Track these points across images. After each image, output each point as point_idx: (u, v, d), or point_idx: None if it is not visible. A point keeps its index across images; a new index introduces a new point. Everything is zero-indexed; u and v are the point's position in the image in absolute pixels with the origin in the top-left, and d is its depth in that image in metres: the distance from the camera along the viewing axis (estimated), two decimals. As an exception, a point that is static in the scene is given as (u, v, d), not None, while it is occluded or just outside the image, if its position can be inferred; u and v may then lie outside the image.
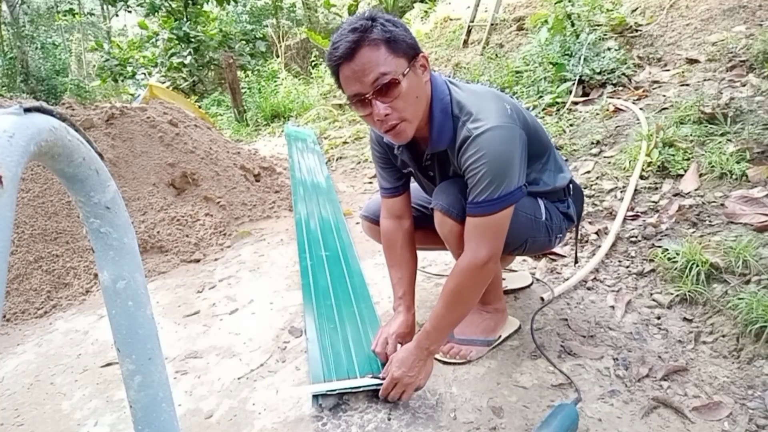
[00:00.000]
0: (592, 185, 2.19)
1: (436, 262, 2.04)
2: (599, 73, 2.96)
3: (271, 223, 2.86)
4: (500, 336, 1.46)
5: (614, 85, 2.91)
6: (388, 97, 1.06)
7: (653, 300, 1.58)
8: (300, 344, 1.57)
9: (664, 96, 2.51)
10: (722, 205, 1.72)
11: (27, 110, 0.47)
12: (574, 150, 2.48)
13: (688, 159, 1.98)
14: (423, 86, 1.13)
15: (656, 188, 1.98)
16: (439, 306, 1.21)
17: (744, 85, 2.26)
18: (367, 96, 1.06)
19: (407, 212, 1.44)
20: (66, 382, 1.52)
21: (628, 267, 1.73)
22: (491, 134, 1.08)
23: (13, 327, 1.95)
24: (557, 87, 3.06)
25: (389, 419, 1.20)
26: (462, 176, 1.18)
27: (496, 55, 4.23)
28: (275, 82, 7.32)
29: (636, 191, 2.00)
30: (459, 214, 1.20)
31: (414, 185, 1.47)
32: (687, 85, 2.52)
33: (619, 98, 2.75)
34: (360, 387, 1.28)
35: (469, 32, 4.88)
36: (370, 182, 3.46)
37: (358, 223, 1.59)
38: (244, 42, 9.76)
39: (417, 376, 1.21)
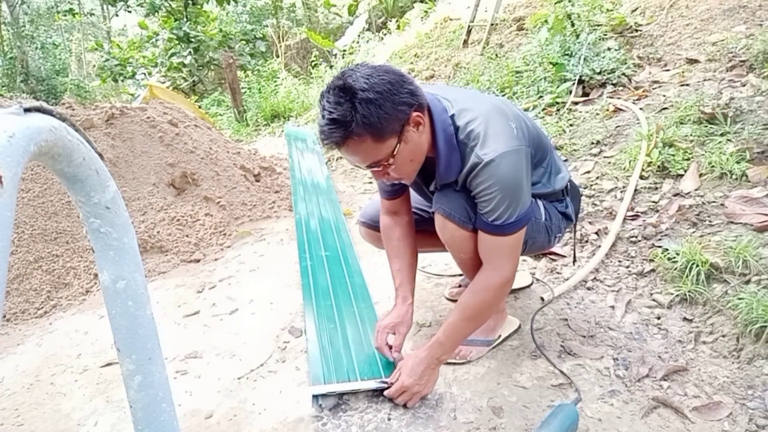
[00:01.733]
0: (592, 185, 2.19)
1: (436, 263, 2.04)
2: (599, 73, 2.96)
3: (271, 223, 2.86)
4: (500, 336, 1.46)
5: (614, 85, 2.91)
6: (382, 171, 1.13)
7: (653, 300, 1.58)
8: (300, 344, 1.58)
9: (664, 96, 2.51)
10: (722, 205, 1.72)
11: (27, 110, 0.48)
12: (574, 150, 2.48)
13: (688, 159, 1.98)
14: (418, 142, 1.12)
15: (656, 188, 1.98)
16: (456, 318, 1.21)
17: (744, 85, 2.26)
18: (364, 168, 1.14)
19: (404, 209, 1.45)
20: (66, 382, 1.52)
21: (628, 267, 1.73)
22: (502, 161, 1.08)
23: (13, 327, 1.95)
24: (557, 87, 3.06)
25: (389, 419, 1.20)
26: (465, 191, 1.20)
27: (496, 55, 4.23)
28: (275, 82, 7.32)
29: (636, 191, 2.00)
30: (461, 219, 1.20)
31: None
32: (687, 85, 2.52)
33: (619, 98, 2.75)
34: (363, 389, 1.28)
35: (469, 32, 4.87)
36: (370, 182, 3.46)
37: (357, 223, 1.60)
38: (244, 42, 9.76)
39: (425, 385, 1.22)
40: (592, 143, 2.45)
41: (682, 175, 1.95)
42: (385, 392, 1.24)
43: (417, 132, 1.11)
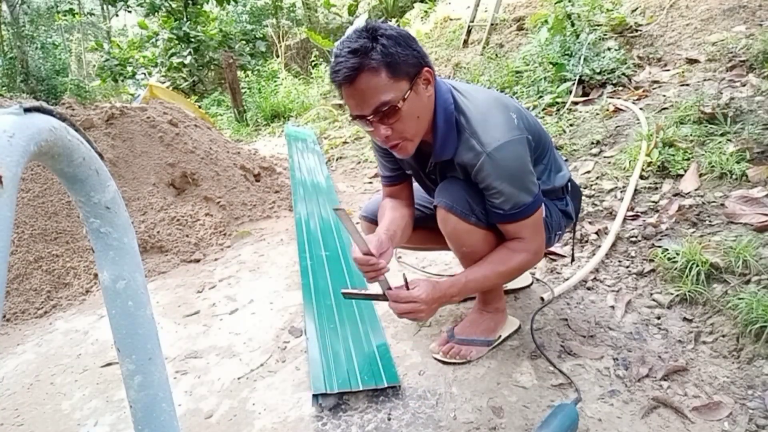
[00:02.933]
0: (592, 185, 2.19)
1: (436, 262, 2.04)
2: (599, 73, 2.96)
3: (271, 223, 2.86)
4: (500, 336, 1.46)
5: (614, 85, 2.91)
6: (389, 120, 1.08)
7: (653, 300, 1.58)
8: (300, 344, 1.58)
9: (664, 96, 2.51)
10: (722, 205, 1.72)
11: (27, 110, 0.47)
12: (574, 150, 2.48)
13: (688, 159, 1.98)
14: (425, 103, 1.12)
15: (656, 188, 1.98)
16: (485, 270, 1.20)
17: (744, 85, 2.26)
18: (368, 118, 1.08)
19: (404, 195, 1.43)
20: (66, 382, 1.52)
21: (628, 267, 1.73)
22: (505, 150, 1.10)
23: (13, 327, 1.95)
24: (557, 87, 3.06)
25: (389, 419, 1.20)
26: (465, 179, 1.20)
27: (496, 55, 4.23)
28: (275, 82, 7.32)
29: (636, 191, 2.00)
30: (463, 212, 1.21)
31: (415, 185, 1.47)
32: (687, 85, 2.52)
33: (619, 98, 2.75)
34: (372, 297, 1.22)
35: (469, 32, 4.88)
36: (370, 182, 3.46)
37: (358, 223, 1.60)
38: (244, 42, 9.76)
39: (428, 311, 1.16)
40: (592, 143, 2.45)
41: (682, 175, 1.94)
42: (391, 293, 1.16)
43: (426, 90, 1.12)
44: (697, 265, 1.50)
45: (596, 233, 1.93)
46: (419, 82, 1.10)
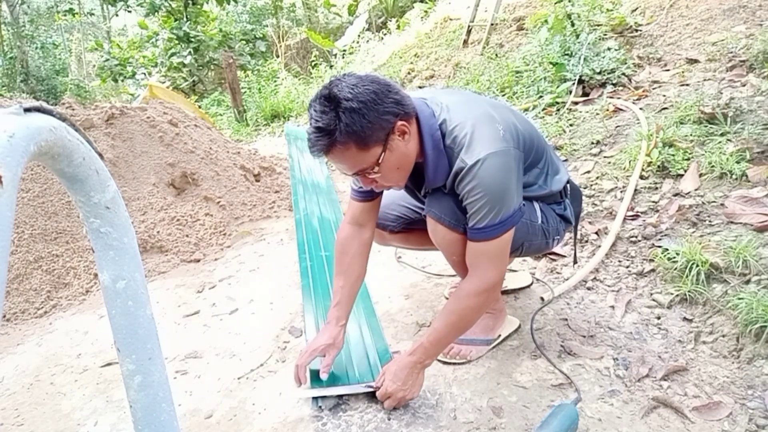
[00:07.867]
0: (592, 185, 2.19)
1: (436, 262, 2.04)
2: (599, 73, 2.96)
3: (271, 223, 2.86)
4: (500, 335, 1.46)
5: (614, 85, 2.91)
6: (369, 178, 1.14)
7: (653, 300, 1.58)
8: (300, 344, 1.58)
9: (664, 96, 2.51)
10: (722, 205, 1.72)
11: (27, 110, 0.47)
12: (574, 150, 2.48)
13: (688, 159, 1.98)
14: (404, 151, 1.13)
15: (656, 188, 1.98)
16: (440, 324, 1.20)
17: (744, 85, 2.26)
18: (351, 176, 1.17)
19: (371, 221, 1.40)
20: (66, 382, 1.52)
21: (628, 267, 1.73)
22: (486, 163, 1.08)
23: (13, 327, 1.95)
24: (557, 87, 3.05)
25: (389, 419, 1.20)
26: (455, 194, 1.20)
27: (496, 55, 4.23)
28: (275, 82, 7.32)
29: (636, 191, 2.00)
30: (451, 222, 1.21)
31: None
32: (687, 85, 2.52)
33: (619, 98, 2.75)
34: (352, 393, 1.28)
35: (469, 32, 4.88)
36: (370, 182, 3.46)
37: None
38: (244, 42, 9.76)
39: (410, 390, 1.21)
40: (592, 143, 2.45)
41: (682, 175, 1.94)
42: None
43: (403, 141, 1.11)
44: (697, 265, 1.50)
45: (596, 233, 1.93)
46: (394, 138, 1.09)
